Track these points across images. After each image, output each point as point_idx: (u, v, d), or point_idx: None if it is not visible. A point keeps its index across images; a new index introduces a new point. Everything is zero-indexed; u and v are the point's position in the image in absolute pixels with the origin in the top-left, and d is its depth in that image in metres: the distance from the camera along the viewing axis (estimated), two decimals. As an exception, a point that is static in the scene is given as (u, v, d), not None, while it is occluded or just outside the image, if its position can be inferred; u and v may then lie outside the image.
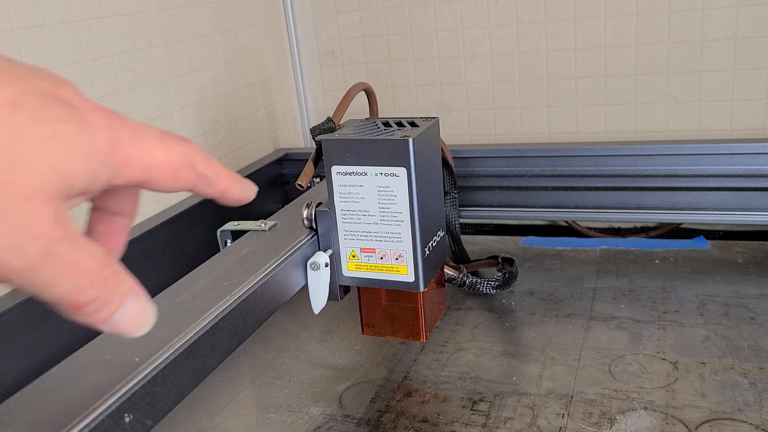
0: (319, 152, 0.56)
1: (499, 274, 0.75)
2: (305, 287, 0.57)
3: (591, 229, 0.92)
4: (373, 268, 0.56)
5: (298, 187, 0.60)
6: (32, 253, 0.25)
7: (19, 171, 0.24)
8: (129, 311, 0.29)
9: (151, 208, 0.77)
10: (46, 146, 0.25)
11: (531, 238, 0.91)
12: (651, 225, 0.90)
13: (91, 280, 0.27)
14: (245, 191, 0.34)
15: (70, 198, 0.27)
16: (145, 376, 0.38)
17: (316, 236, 0.58)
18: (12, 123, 0.24)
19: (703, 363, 0.61)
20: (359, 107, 0.69)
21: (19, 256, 0.25)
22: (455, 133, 0.98)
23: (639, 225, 0.91)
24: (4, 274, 0.25)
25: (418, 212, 0.53)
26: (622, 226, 0.92)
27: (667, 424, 0.53)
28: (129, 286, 0.29)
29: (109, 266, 0.28)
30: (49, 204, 0.25)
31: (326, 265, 0.56)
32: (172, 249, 0.76)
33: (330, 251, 0.57)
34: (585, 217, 0.85)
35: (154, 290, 0.50)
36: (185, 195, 0.82)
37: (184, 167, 0.31)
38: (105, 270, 0.28)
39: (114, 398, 0.36)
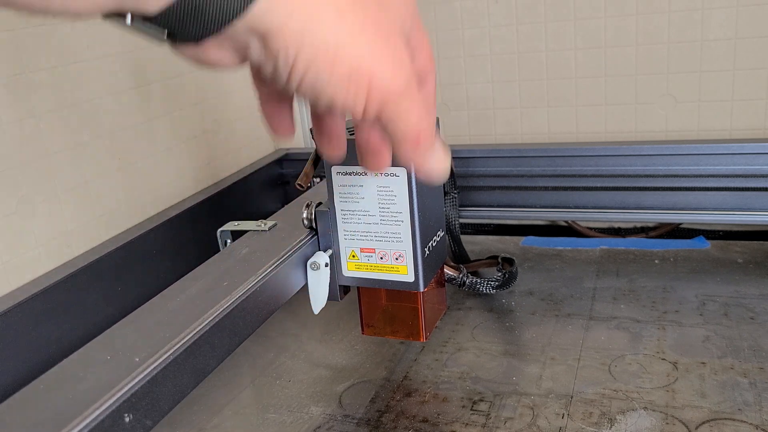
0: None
1: (499, 274, 0.75)
2: (305, 287, 0.57)
3: (591, 229, 0.92)
4: (373, 268, 0.56)
5: (298, 187, 0.60)
6: (404, 78, 0.31)
7: (386, 15, 0.31)
8: (438, 151, 0.35)
9: (151, 208, 0.77)
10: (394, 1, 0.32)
11: (531, 238, 0.91)
12: (651, 225, 0.90)
13: (427, 113, 0.33)
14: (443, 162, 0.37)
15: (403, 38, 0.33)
16: (145, 376, 0.38)
17: (316, 236, 0.58)
18: None
19: (703, 363, 0.61)
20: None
21: (397, 80, 0.31)
22: (455, 133, 0.98)
23: (639, 225, 0.91)
24: (384, 98, 0.31)
25: (418, 212, 0.53)
26: (622, 226, 0.92)
27: (667, 424, 0.53)
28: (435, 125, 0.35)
29: (431, 105, 0.34)
30: (402, 39, 0.32)
31: (326, 265, 0.56)
32: (172, 249, 0.76)
33: (330, 251, 0.57)
34: (585, 217, 0.85)
35: (154, 290, 0.50)
36: (185, 195, 0.82)
37: (431, 67, 0.36)
38: (432, 111, 0.34)
39: (114, 398, 0.36)
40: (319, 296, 0.56)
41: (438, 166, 0.35)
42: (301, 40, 0.28)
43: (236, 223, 0.62)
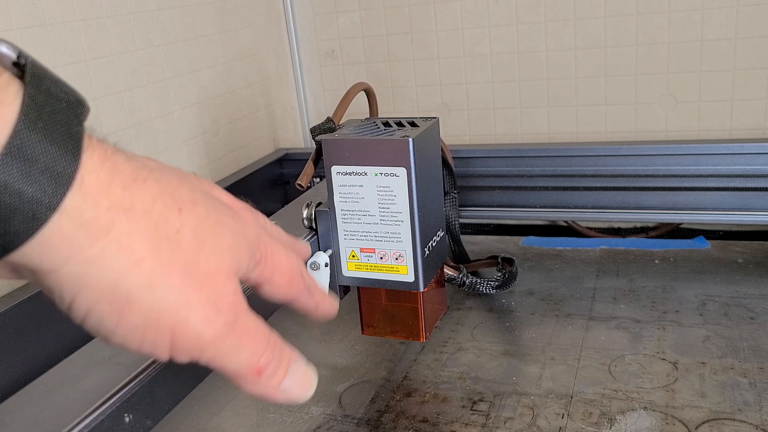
0: (319, 152, 0.56)
1: (499, 274, 0.75)
2: (305, 287, 0.57)
3: (591, 229, 0.92)
4: (372, 268, 0.56)
5: (298, 187, 0.60)
6: (221, 324, 0.28)
7: (205, 253, 0.28)
8: (296, 375, 0.31)
9: (151, 208, 0.77)
10: (221, 233, 0.29)
11: (531, 238, 0.91)
12: (651, 225, 0.90)
13: (265, 345, 0.30)
14: (332, 306, 0.39)
15: (237, 277, 0.30)
16: (145, 376, 0.38)
17: (316, 236, 0.58)
18: (194, 215, 0.28)
19: (703, 363, 0.61)
20: (359, 107, 0.69)
21: (211, 327, 0.27)
22: (455, 133, 0.98)
23: (639, 225, 0.91)
24: (195, 346, 0.28)
25: (418, 212, 0.53)
26: (622, 226, 0.92)
27: (667, 424, 0.53)
28: (290, 351, 0.31)
29: (273, 334, 0.31)
30: (230, 280, 0.29)
31: (326, 265, 0.56)
32: (172, 249, 0.76)
33: (330, 251, 0.57)
34: (585, 217, 0.85)
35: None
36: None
37: (297, 276, 0.34)
38: (272, 337, 0.30)
39: (114, 398, 0.36)
40: (319, 296, 0.56)
41: (295, 391, 0.31)
42: (80, 284, 0.25)
43: (236, 223, 0.62)
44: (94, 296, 0.25)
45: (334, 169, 0.54)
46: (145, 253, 0.26)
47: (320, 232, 0.57)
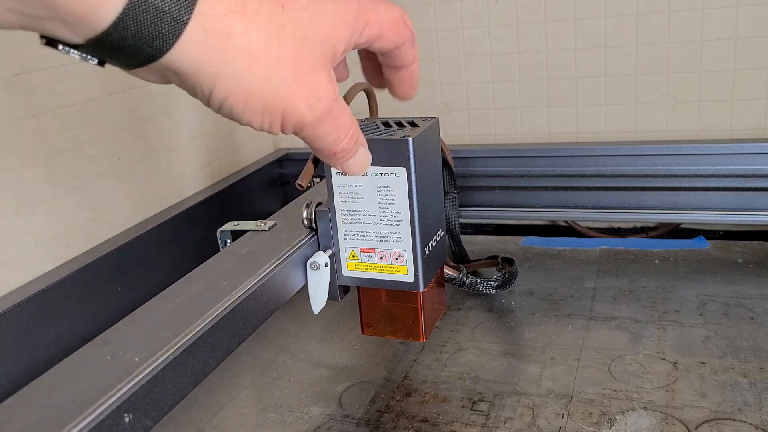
0: (319, 152, 0.56)
1: (499, 274, 0.75)
2: (305, 287, 0.57)
3: (591, 229, 0.92)
4: (372, 268, 0.56)
5: (298, 187, 0.60)
6: (320, 110, 0.35)
7: (308, 45, 0.33)
8: (358, 159, 0.40)
9: (151, 208, 0.77)
10: (319, 23, 0.34)
11: (531, 238, 0.91)
12: (651, 225, 0.90)
13: (345, 134, 0.38)
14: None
15: (334, 62, 0.36)
16: (145, 376, 0.38)
17: (315, 236, 0.58)
18: (294, 9, 0.33)
19: (703, 363, 0.61)
20: (359, 107, 0.69)
21: (312, 113, 0.34)
22: (455, 133, 0.98)
23: (639, 225, 0.91)
24: (298, 125, 0.35)
25: (418, 212, 0.53)
26: (622, 226, 0.92)
27: (667, 424, 0.53)
28: (362, 139, 0.40)
29: (354, 124, 0.38)
30: (326, 70, 0.35)
31: (326, 265, 0.56)
32: (172, 249, 0.76)
33: (330, 251, 0.57)
34: (585, 217, 0.85)
35: (153, 290, 0.50)
36: (185, 195, 0.82)
37: (401, 23, 0.40)
38: (353, 126, 0.38)
39: (114, 398, 0.36)
40: (319, 296, 0.56)
41: (354, 169, 0.41)
42: (214, 81, 0.32)
43: (236, 223, 0.62)
44: (225, 90, 0.32)
45: (334, 169, 0.54)
46: (260, 52, 0.32)
47: (320, 232, 0.57)
